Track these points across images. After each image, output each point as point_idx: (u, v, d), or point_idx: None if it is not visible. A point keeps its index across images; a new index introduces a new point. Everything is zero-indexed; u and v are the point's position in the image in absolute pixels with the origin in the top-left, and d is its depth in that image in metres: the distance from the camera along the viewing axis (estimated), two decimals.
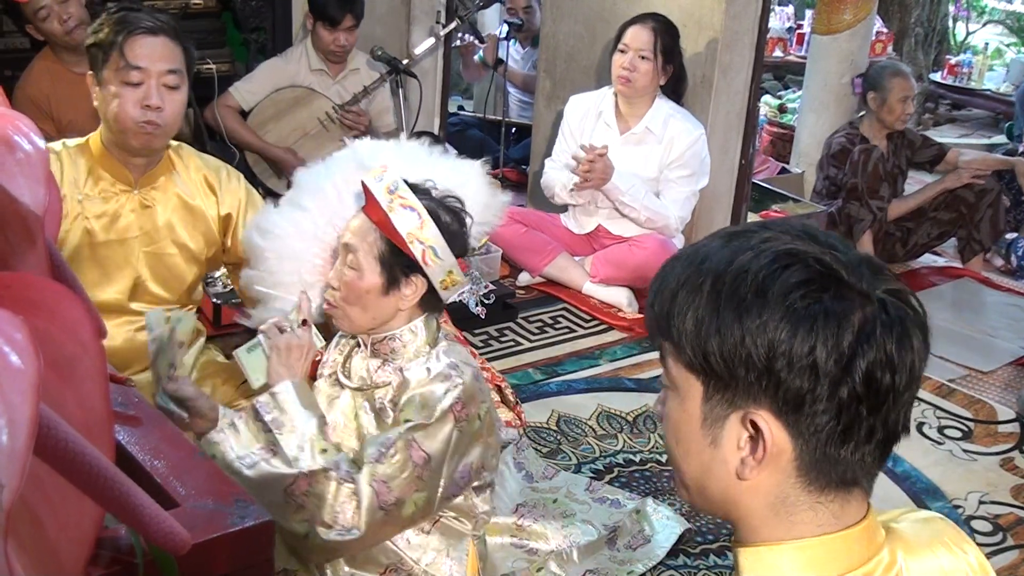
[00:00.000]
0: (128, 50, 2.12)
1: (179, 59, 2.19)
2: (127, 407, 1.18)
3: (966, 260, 4.53)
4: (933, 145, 4.67)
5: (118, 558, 0.89)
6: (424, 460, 1.81)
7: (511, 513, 2.34)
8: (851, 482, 0.89)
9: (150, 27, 2.14)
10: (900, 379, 0.85)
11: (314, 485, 1.76)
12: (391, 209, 1.86)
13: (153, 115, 2.15)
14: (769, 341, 0.84)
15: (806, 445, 0.87)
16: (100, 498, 0.66)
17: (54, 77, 3.64)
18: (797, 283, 0.85)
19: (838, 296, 0.84)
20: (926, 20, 8.01)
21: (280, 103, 4.14)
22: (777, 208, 4.60)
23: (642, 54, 3.56)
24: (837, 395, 0.84)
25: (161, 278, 2.33)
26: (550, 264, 3.79)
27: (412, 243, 1.86)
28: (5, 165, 0.73)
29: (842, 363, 0.83)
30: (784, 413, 0.86)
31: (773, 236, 0.89)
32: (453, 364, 1.90)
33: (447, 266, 1.89)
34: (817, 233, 0.90)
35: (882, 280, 0.87)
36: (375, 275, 1.90)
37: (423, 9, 4.76)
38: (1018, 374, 3.49)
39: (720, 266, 0.89)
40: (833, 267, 0.86)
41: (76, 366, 0.70)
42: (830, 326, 0.83)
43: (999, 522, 2.62)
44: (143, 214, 2.28)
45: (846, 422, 0.85)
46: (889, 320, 0.85)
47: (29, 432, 0.54)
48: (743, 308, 0.85)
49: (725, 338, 0.86)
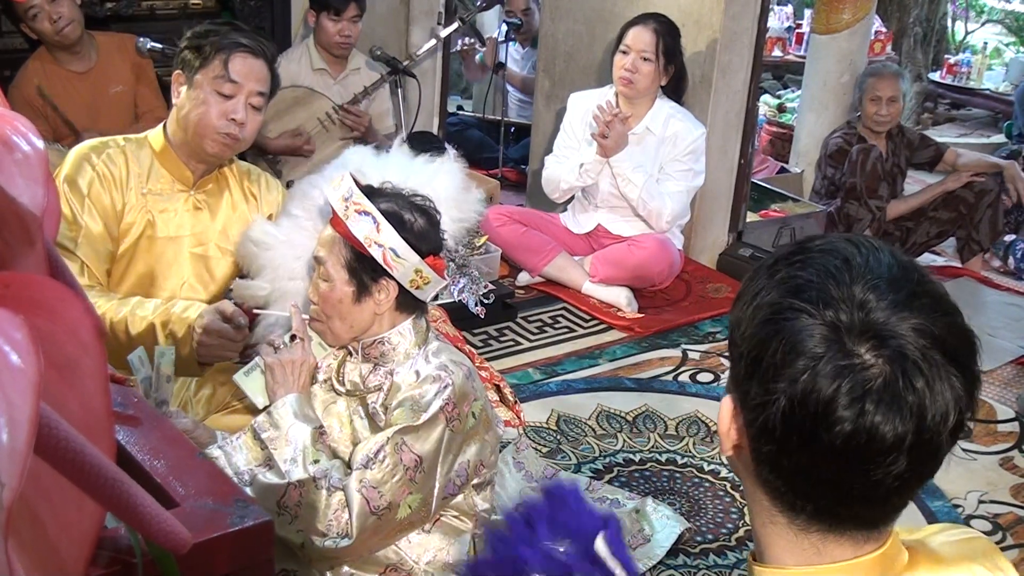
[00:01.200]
0: (231, 63, 2.22)
1: (268, 83, 2.30)
2: (126, 407, 1.18)
3: (965, 260, 4.53)
4: (931, 145, 4.67)
5: (118, 558, 0.89)
6: (415, 462, 1.82)
7: None
8: (834, 529, 0.86)
9: (254, 48, 2.26)
10: (838, 434, 0.79)
11: (305, 495, 1.78)
12: (347, 216, 1.88)
13: (236, 129, 2.24)
14: (785, 372, 0.82)
15: (752, 449, 0.87)
16: (101, 497, 0.66)
17: (50, 76, 3.65)
18: (811, 298, 0.83)
19: (835, 333, 0.81)
20: (925, 20, 8.01)
21: (280, 103, 4.14)
22: (776, 208, 4.60)
23: (644, 55, 3.56)
24: (772, 407, 0.82)
25: (202, 280, 2.39)
26: (549, 264, 3.79)
27: (371, 246, 1.87)
28: (4, 165, 0.73)
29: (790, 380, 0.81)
30: (740, 406, 0.87)
31: (791, 275, 0.86)
32: (443, 365, 1.91)
33: (412, 265, 1.89)
34: (855, 262, 0.85)
35: (922, 340, 0.80)
36: (345, 284, 1.92)
37: (423, 10, 4.76)
38: (1017, 373, 3.49)
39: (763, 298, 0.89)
40: (865, 307, 0.81)
41: (76, 366, 0.70)
42: (808, 346, 0.81)
43: (999, 521, 2.62)
44: (195, 215, 2.35)
45: (775, 446, 0.84)
46: (872, 378, 0.79)
47: (29, 431, 0.54)
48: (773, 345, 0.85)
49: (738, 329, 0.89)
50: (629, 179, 3.60)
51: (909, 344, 0.80)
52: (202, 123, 2.23)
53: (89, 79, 3.71)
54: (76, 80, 3.69)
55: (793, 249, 0.89)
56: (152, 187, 2.30)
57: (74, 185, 2.22)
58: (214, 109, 2.22)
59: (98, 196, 2.24)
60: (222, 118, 2.22)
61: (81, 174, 2.23)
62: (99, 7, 4.06)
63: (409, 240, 1.88)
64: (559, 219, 3.95)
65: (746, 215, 4.28)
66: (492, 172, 4.93)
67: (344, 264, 1.92)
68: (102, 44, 3.72)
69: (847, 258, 0.84)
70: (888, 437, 0.79)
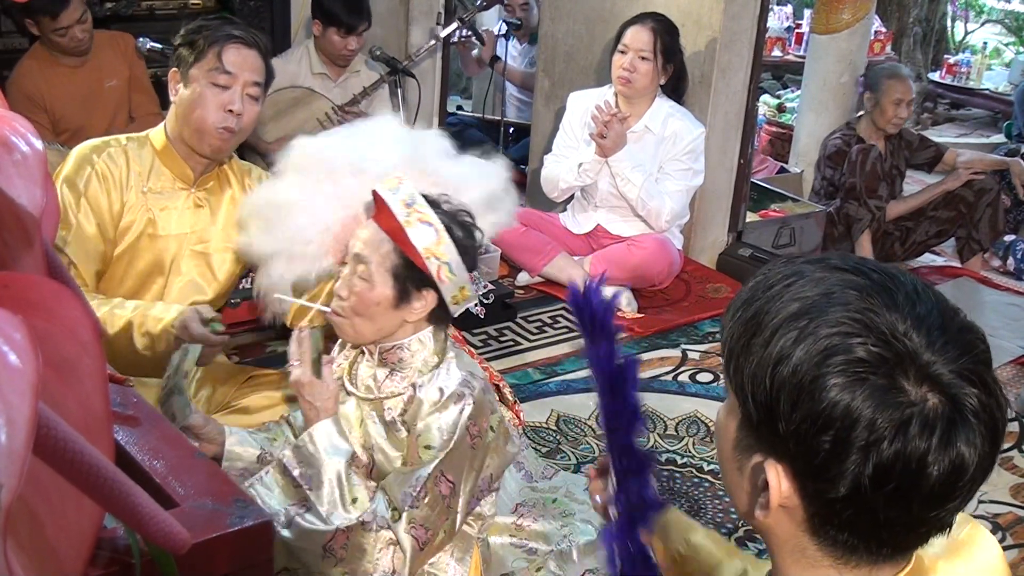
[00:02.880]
0: (225, 54, 2.23)
1: (263, 74, 2.31)
2: (125, 407, 1.18)
3: (965, 260, 4.53)
4: (931, 146, 4.67)
5: (116, 558, 0.89)
6: (450, 490, 1.84)
7: (511, 513, 2.34)
8: (882, 557, 0.85)
9: (247, 39, 2.27)
10: (931, 477, 0.79)
11: (352, 538, 1.78)
12: (408, 223, 1.83)
13: (233, 121, 2.24)
14: (814, 409, 0.79)
15: (815, 512, 0.84)
16: (99, 498, 0.66)
17: (47, 72, 3.69)
18: (851, 360, 0.79)
19: (888, 381, 0.79)
20: (924, 19, 8.01)
21: (279, 103, 4.14)
22: (776, 208, 4.60)
23: (642, 54, 3.56)
24: (851, 476, 0.79)
25: (204, 278, 2.39)
26: (549, 264, 3.79)
27: (428, 259, 1.83)
28: (2, 166, 0.73)
29: (866, 447, 0.78)
30: (798, 472, 0.83)
31: (839, 294, 0.82)
32: (465, 381, 1.90)
33: (460, 282, 1.87)
34: (895, 289, 0.83)
35: (961, 360, 0.80)
36: (387, 288, 1.87)
37: (422, 10, 4.76)
38: (1017, 373, 3.49)
39: (776, 323, 0.83)
40: (905, 346, 0.79)
41: (75, 366, 0.70)
42: (865, 411, 0.78)
43: (998, 521, 2.62)
44: (196, 213, 2.36)
45: (854, 515, 0.81)
46: (937, 416, 0.78)
47: (28, 431, 0.54)
48: (795, 382, 0.81)
49: (771, 393, 0.82)
50: (628, 179, 3.59)
51: (943, 371, 0.80)
52: (200, 117, 2.23)
53: (84, 73, 3.77)
54: (71, 74, 3.73)
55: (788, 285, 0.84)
56: (153, 186, 2.30)
57: (72, 184, 2.22)
58: (211, 101, 2.22)
59: (95, 196, 2.23)
60: (219, 110, 2.22)
61: (80, 174, 2.23)
62: (99, 7, 4.07)
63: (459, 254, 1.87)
64: (558, 219, 3.94)
65: (746, 215, 4.28)
66: None
67: (390, 268, 1.86)
68: (96, 39, 3.77)
69: (859, 320, 0.81)
70: (970, 460, 0.80)
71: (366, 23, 4.04)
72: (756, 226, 4.33)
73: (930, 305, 0.83)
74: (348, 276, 1.92)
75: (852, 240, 4.37)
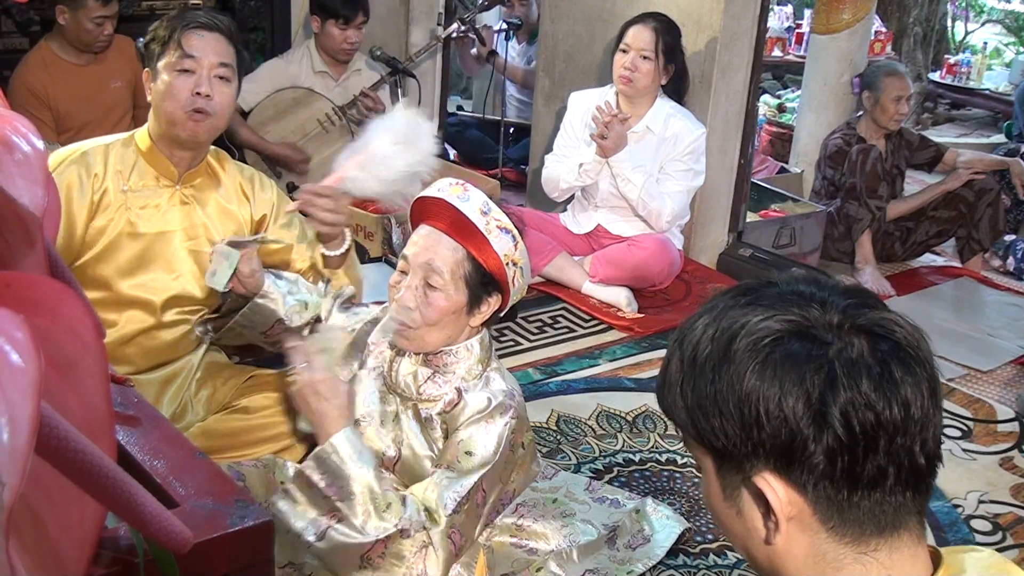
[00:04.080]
0: (184, 40, 2.21)
1: (231, 56, 2.28)
2: (126, 407, 1.18)
3: (965, 260, 4.53)
4: (931, 146, 4.67)
5: (119, 558, 0.89)
6: (483, 500, 1.86)
7: (511, 513, 2.34)
8: (891, 524, 0.86)
9: (206, 23, 2.25)
10: (890, 414, 0.82)
11: (390, 546, 1.78)
12: (488, 231, 1.84)
13: (202, 102, 2.21)
14: (738, 399, 0.84)
15: (817, 496, 0.85)
16: (101, 497, 0.66)
17: (51, 68, 3.70)
18: (760, 337, 0.85)
19: (803, 342, 0.83)
20: (925, 20, 8.01)
21: (280, 104, 4.14)
22: (776, 208, 4.60)
23: (644, 54, 3.56)
24: (822, 442, 0.82)
25: (193, 276, 2.36)
26: (549, 264, 3.79)
27: (508, 264, 1.85)
28: (4, 166, 0.73)
29: (814, 409, 0.82)
30: (780, 469, 0.85)
31: (741, 313, 0.88)
32: (510, 393, 1.92)
33: (525, 285, 1.92)
34: (803, 290, 0.88)
35: (863, 314, 0.86)
36: (461, 296, 1.88)
37: (422, 10, 4.76)
38: (1017, 373, 3.49)
39: (694, 339, 0.91)
40: (798, 316, 0.85)
41: (77, 365, 0.70)
42: (792, 373, 0.82)
43: (999, 521, 2.62)
44: (183, 210, 2.33)
45: (844, 467, 0.83)
46: (863, 357, 0.83)
47: (30, 431, 0.54)
48: (713, 372, 0.86)
49: (703, 405, 0.87)
50: (629, 179, 3.59)
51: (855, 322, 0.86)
52: (170, 104, 2.20)
53: (89, 72, 3.78)
54: (77, 72, 3.75)
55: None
56: (133, 184, 2.28)
57: None
58: (179, 88, 2.20)
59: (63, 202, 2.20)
60: (187, 94, 2.20)
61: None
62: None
63: None
64: (559, 219, 3.95)
65: (746, 215, 4.28)
66: (492, 172, 4.93)
67: (464, 276, 1.87)
68: None
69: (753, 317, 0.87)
70: (914, 391, 0.85)
71: (363, 13, 4.05)
72: (756, 226, 4.34)
73: (817, 285, 0.89)
74: (417, 286, 1.89)
75: (852, 240, 4.37)
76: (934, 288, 4.28)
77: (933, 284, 4.33)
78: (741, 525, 0.90)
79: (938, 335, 3.74)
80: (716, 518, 0.95)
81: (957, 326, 3.84)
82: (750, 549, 0.92)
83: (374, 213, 3.80)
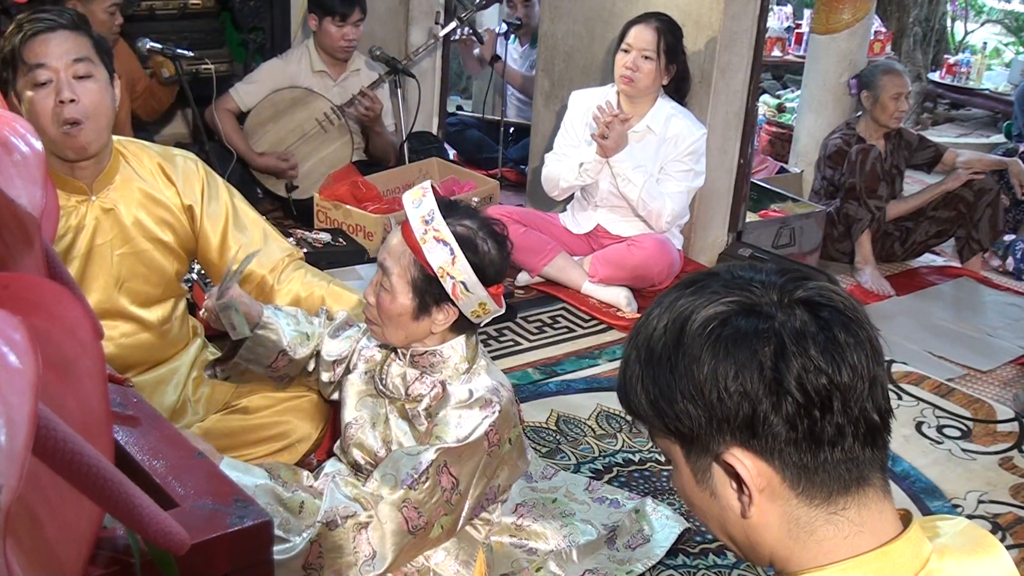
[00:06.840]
0: (28, 52, 2.02)
1: (87, 48, 2.07)
2: (125, 407, 1.18)
3: (965, 260, 4.53)
4: (930, 146, 4.67)
5: (117, 558, 0.89)
6: (452, 485, 1.84)
7: (511, 513, 2.34)
8: (856, 481, 0.90)
9: (46, 25, 2.03)
10: (841, 376, 0.86)
11: (325, 543, 1.77)
12: (424, 240, 1.85)
13: (70, 111, 2.02)
14: (697, 381, 0.88)
15: (784, 463, 0.89)
16: (99, 498, 0.66)
17: None
18: (706, 319, 0.89)
19: (749, 319, 0.88)
20: (924, 20, 8.01)
21: (279, 104, 4.14)
22: (776, 208, 4.60)
23: (645, 54, 3.56)
24: (781, 410, 0.86)
25: (141, 275, 2.29)
26: (549, 264, 3.79)
27: (443, 277, 1.86)
28: (2, 167, 0.73)
29: (769, 379, 0.86)
30: (746, 442, 0.89)
31: (688, 301, 0.92)
32: (495, 388, 1.92)
33: (477, 299, 1.89)
34: (742, 275, 0.93)
35: (801, 286, 0.90)
36: (407, 299, 1.90)
37: (422, 10, 4.76)
38: (1017, 373, 3.49)
39: (648, 332, 0.94)
40: (742, 296, 0.90)
41: (75, 366, 0.70)
42: (744, 349, 0.87)
43: (998, 521, 2.62)
44: (107, 218, 2.22)
45: (805, 430, 0.87)
46: (807, 326, 0.87)
47: (28, 432, 0.54)
48: (670, 361, 0.90)
49: (665, 393, 0.91)
50: (629, 179, 3.59)
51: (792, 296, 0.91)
52: (41, 128, 1.99)
53: None
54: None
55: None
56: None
57: None
58: (40, 106, 2.01)
59: None
60: (50, 107, 2.01)
61: None
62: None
63: (479, 271, 1.87)
64: (558, 219, 3.94)
65: (746, 215, 4.28)
66: (492, 172, 4.93)
67: (410, 281, 1.90)
68: None
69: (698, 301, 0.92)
70: (857, 359, 0.88)
71: (360, 10, 4.05)
72: (756, 226, 4.34)
73: (754, 270, 0.94)
74: (375, 283, 1.96)
75: (852, 240, 4.37)
76: (934, 288, 4.28)
77: (933, 284, 4.33)
78: (716, 506, 0.94)
79: (938, 335, 3.74)
80: (691, 505, 0.98)
81: (957, 326, 3.84)
82: (728, 528, 0.96)
83: (374, 213, 3.80)
